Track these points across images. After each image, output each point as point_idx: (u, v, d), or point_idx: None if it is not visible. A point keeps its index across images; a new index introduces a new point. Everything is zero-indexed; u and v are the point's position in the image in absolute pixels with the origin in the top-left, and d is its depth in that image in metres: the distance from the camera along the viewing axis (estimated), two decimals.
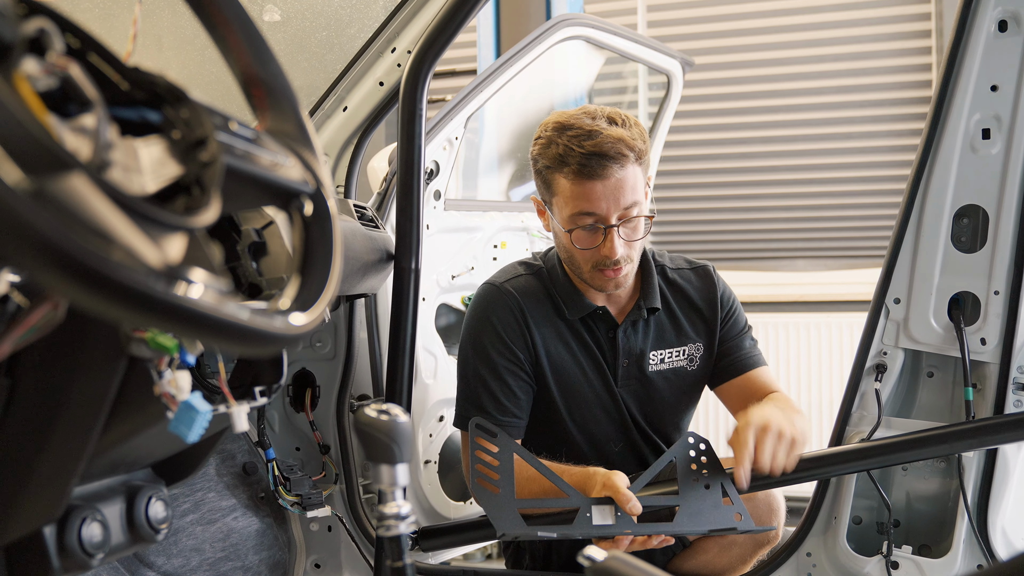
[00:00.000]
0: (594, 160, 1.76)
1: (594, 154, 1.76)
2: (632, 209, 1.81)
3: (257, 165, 0.79)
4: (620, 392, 1.98)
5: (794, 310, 3.86)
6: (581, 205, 1.80)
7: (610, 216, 1.80)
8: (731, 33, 3.99)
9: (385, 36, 2.12)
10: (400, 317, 1.96)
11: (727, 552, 1.98)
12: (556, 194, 1.84)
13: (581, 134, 1.78)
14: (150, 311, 0.58)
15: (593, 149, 1.76)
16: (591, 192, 1.79)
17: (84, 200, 0.57)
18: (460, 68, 4.13)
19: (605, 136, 1.77)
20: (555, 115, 1.87)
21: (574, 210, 1.81)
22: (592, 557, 0.94)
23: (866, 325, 1.91)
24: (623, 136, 1.78)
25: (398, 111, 1.94)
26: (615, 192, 1.79)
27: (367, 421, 1.01)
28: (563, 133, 1.80)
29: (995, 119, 1.79)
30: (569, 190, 1.81)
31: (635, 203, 1.81)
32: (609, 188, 1.78)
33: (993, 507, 1.83)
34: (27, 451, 0.94)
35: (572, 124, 1.81)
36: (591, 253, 1.84)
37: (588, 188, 1.78)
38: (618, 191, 1.79)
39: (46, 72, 0.67)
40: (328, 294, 0.78)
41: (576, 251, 1.85)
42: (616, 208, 1.80)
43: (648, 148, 1.84)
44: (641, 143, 1.81)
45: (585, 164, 1.77)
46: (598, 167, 1.77)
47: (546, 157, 1.83)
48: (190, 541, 1.93)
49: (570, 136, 1.79)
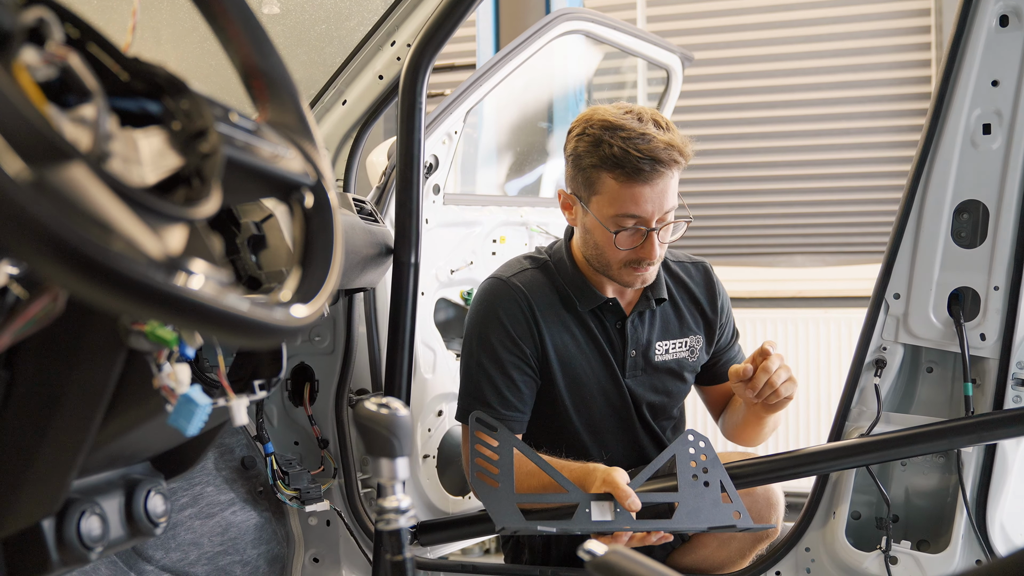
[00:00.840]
0: (647, 164, 1.77)
1: (649, 158, 1.77)
2: (670, 214, 1.84)
3: (257, 157, 0.79)
4: (627, 383, 1.99)
5: (792, 306, 3.86)
6: (627, 207, 1.81)
7: (652, 219, 1.82)
8: (730, 28, 3.98)
9: (385, 29, 2.12)
10: (399, 311, 1.95)
11: (726, 547, 1.98)
12: (599, 193, 1.84)
13: (635, 136, 1.78)
14: (150, 302, 0.58)
15: (649, 154, 1.77)
16: (639, 195, 1.79)
17: (84, 190, 0.56)
18: (459, 63, 4.12)
19: (658, 140, 1.78)
20: (597, 112, 1.86)
21: (619, 211, 1.82)
22: (592, 551, 0.94)
23: (866, 320, 1.90)
24: (674, 142, 1.79)
25: (397, 105, 1.94)
26: (660, 196, 1.80)
27: (367, 415, 1.00)
28: (615, 134, 1.80)
29: (996, 114, 1.79)
30: (616, 191, 1.81)
31: (674, 207, 1.84)
32: (656, 192, 1.80)
33: (992, 502, 1.83)
34: (26, 444, 0.93)
35: (623, 125, 1.80)
36: (628, 253, 1.86)
37: (637, 191, 1.79)
38: (663, 196, 1.81)
39: (45, 62, 0.67)
40: (329, 286, 0.78)
41: (613, 250, 1.86)
42: (659, 212, 1.82)
43: (690, 157, 1.85)
44: (689, 150, 1.82)
45: (639, 168, 1.77)
46: (651, 171, 1.78)
47: (595, 156, 1.82)
48: (188, 535, 1.92)
49: (623, 138, 1.78)
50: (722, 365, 2.09)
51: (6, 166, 0.54)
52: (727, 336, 2.11)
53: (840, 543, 1.91)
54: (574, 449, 1.94)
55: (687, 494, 1.73)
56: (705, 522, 1.72)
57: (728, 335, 2.12)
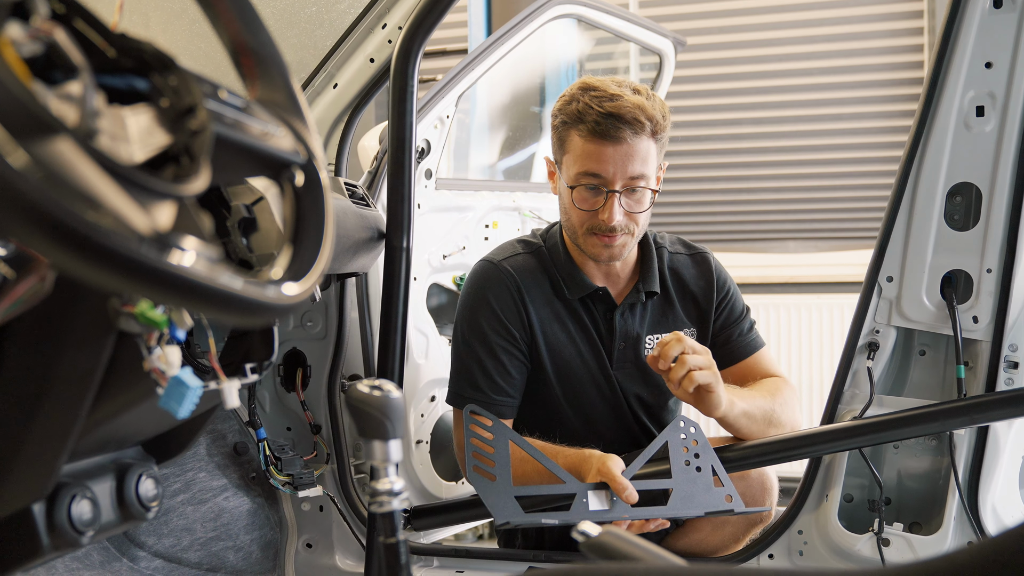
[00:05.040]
0: (609, 121, 1.77)
1: (611, 115, 1.77)
2: (638, 180, 1.82)
3: (247, 134, 0.78)
4: (616, 374, 1.98)
5: (784, 291, 3.86)
6: (588, 165, 1.81)
7: (615, 181, 1.81)
8: (723, 13, 3.97)
9: (376, 11, 2.10)
10: (391, 296, 1.94)
11: (720, 531, 1.99)
12: (568, 152, 1.86)
13: (603, 96, 1.80)
14: (142, 278, 0.57)
15: (611, 110, 1.77)
16: (601, 153, 1.79)
17: (72, 164, 0.55)
18: (450, 48, 4.09)
19: (626, 100, 1.78)
20: (585, 77, 1.90)
21: (581, 169, 1.82)
22: (586, 532, 0.93)
23: (859, 303, 1.90)
24: (643, 104, 1.79)
25: (389, 88, 1.92)
26: (624, 159, 1.79)
27: (360, 397, 1.00)
28: (586, 92, 1.82)
29: (989, 96, 1.78)
30: (580, 148, 1.82)
31: (643, 175, 1.82)
32: (619, 153, 1.79)
33: (984, 484, 1.84)
34: (15, 427, 0.92)
35: (597, 86, 1.83)
36: (589, 216, 1.85)
37: (599, 149, 1.79)
38: (627, 158, 1.79)
39: (31, 37, 0.66)
40: (321, 264, 0.77)
41: (575, 211, 1.86)
42: (622, 175, 1.80)
43: (667, 127, 1.84)
44: (660, 117, 1.81)
45: (600, 124, 1.78)
46: (612, 129, 1.77)
47: (564, 113, 1.85)
48: (181, 521, 1.92)
49: (592, 96, 1.81)
50: (729, 348, 2.01)
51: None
52: (727, 316, 2.03)
53: (833, 526, 1.91)
54: (567, 435, 1.93)
55: (680, 480, 1.73)
56: (700, 507, 1.72)
57: (728, 315, 2.03)
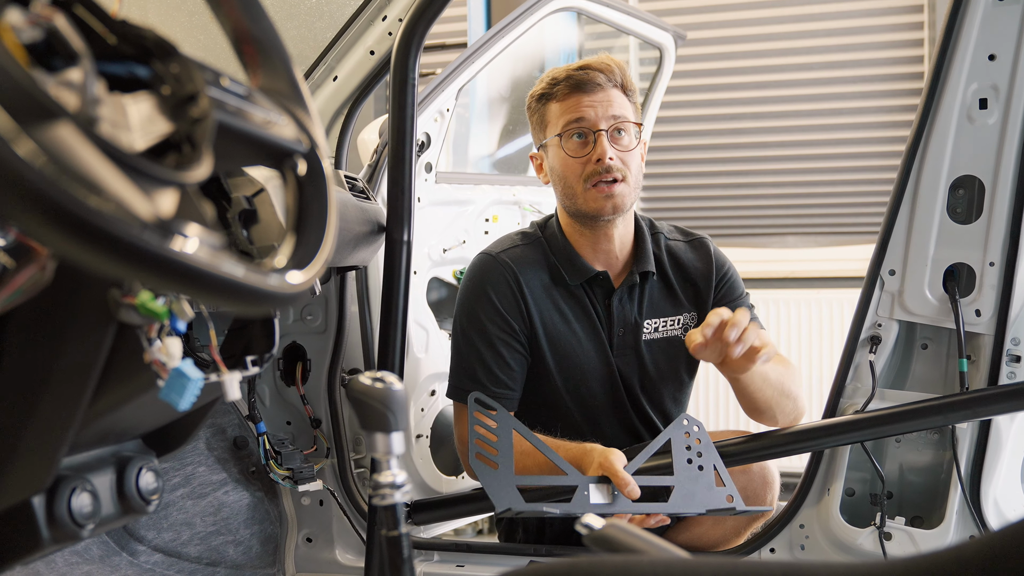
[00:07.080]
0: (582, 73, 1.90)
1: (581, 68, 1.91)
2: (621, 120, 1.91)
3: (249, 122, 0.77)
4: (616, 361, 1.97)
5: (784, 286, 3.86)
6: (571, 114, 1.90)
7: (599, 122, 1.89)
8: (723, 7, 3.95)
9: (376, 3, 2.09)
10: (392, 290, 1.93)
11: (721, 525, 1.98)
12: (549, 123, 1.95)
13: (571, 67, 1.94)
14: (144, 265, 0.56)
15: (581, 66, 1.92)
16: (579, 102, 1.90)
17: (73, 150, 0.55)
18: (450, 42, 4.08)
19: (593, 61, 1.93)
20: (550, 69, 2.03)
21: (565, 120, 1.91)
22: (590, 525, 0.93)
23: (861, 297, 1.90)
24: (609, 62, 1.93)
25: (389, 81, 1.91)
26: (603, 102, 1.90)
27: (362, 389, 0.99)
28: (556, 71, 1.97)
29: (992, 89, 1.78)
30: (559, 108, 1.92)
31: (624, 117, 1.91)
32: (597, 99, 1.90)
33: (986, 478, 1.84)
34: (14, 419, 0.92)
35: (565, 67, 1.96)
36: (583, 164, 1.89)
37: (576, 100, 1.90)
38: (606, 102, 1.90)
39: (31, 23, 0.65)
40: (324, 253, 0.76)
41: (569, 166, 1.91)
42: (604, 115, 1.89)
43: (636, 91, 1.97)
44: (627, 76, 1.94)
45: (572, 78, 1.90)
46: (585, 79, 1.89)
47: (537, 94, 1.97)
48: (181, 515, 1.91)
49: (559, 70, 1.95)
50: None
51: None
52: (726, 295, 2.00)
53: (834, 520, 1.91)
54: (569, 428, 1.93)
55: (682, 478, 1.73)
56: (701, 506, 1.71)
57: (727, 294, 2.00)
